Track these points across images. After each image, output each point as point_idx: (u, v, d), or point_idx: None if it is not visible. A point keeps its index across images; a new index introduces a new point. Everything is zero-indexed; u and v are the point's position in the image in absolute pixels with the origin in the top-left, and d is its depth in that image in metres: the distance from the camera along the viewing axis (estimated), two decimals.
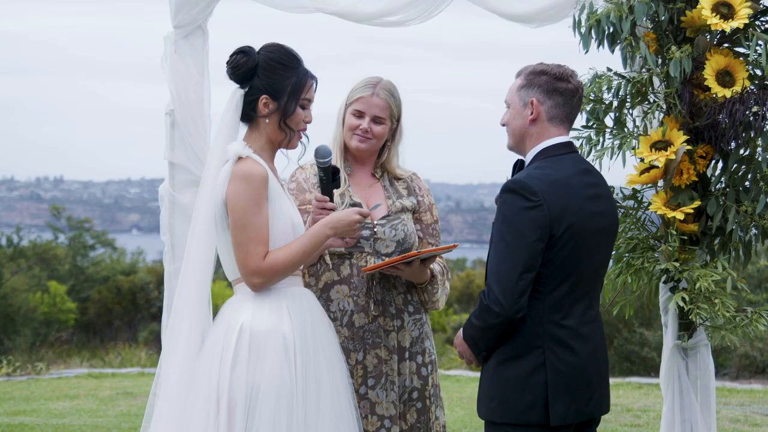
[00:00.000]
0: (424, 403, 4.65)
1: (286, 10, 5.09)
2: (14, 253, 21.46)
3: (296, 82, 4.18)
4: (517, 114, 4.12)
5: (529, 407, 3.96)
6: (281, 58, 4.19)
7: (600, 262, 4.09)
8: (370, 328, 4.58)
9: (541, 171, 4.00)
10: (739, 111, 4.68)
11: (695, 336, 4.98)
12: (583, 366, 4.00)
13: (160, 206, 4.98)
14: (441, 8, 5.10)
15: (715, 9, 4.68)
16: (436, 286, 4.67)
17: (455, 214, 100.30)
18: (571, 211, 3.96)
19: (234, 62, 4.17)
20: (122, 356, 14.78)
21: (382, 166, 4.77)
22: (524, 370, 3.96)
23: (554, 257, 3.94)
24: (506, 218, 3.94)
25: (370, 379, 4.56)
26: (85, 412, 9.85)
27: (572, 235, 3.95)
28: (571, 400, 3.98)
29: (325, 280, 4.61)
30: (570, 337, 3.98)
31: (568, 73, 4.10)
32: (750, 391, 11.27)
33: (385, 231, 4.61)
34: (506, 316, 3.89)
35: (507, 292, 3.87)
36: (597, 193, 4.09)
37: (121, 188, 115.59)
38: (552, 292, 3.97)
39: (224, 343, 4.05)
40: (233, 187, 4.07)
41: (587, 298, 4.06)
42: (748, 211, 4.77)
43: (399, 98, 4.71)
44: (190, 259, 4.17)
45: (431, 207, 4.81)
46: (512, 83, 4.16)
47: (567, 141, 4.11)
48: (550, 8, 5.08)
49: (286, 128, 4.19)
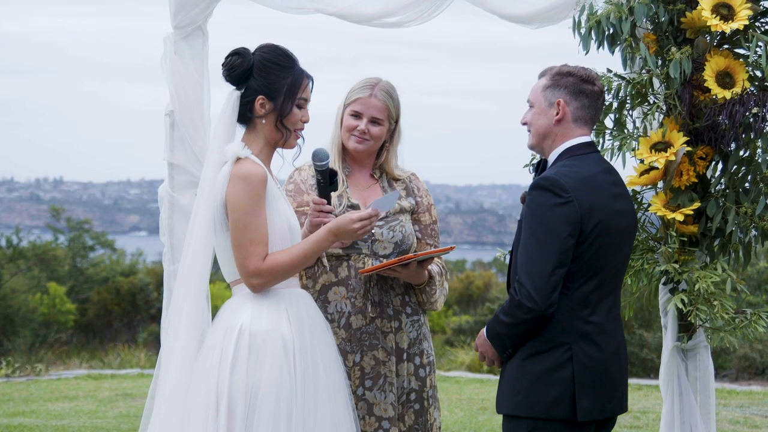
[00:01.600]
0: (422, 404, 4.65)
1: (285, 11, 5.09)
2: (14, 254, 21.46)
3: (292, 82, 4.17)
4: (541, 113, 4.14)
5: (556, 402, 3.97)
6: (276, 59, 4.18)
7: (623, 260, 4.14)
8: (367, 330, 4.58)
9: (569, 168, 4.03)
10: (739, 112, 4.68)
11: (695, 337, 4.98)
12: (607, 363, 4.03)
13: (160, 207, 4.98)
14: (441, 9, 5.10)
15: (715, 10, 4.68)
16: (434, 287, 4.67)
17: (455, 216, 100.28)
18: (599, 209, 4.00)
19: (229, 64, 4.17)
20: (122, 357, 14.77)
21: (381, 167, 4.76)
22: (551, 365, 3.98)
23: (583, 253, 3.97)
24: (536, 215, 3.96)
25: (368, 380, 4.56)
26: (84, 414, 9.85)
27: (600, 231, 3.99)
28: (597, 396, 4.01)
29: (322, 282, 4.60)
30: (596, 333, 4.01)
31: (593, 75, 4.16)
32: (749, 393, 11.27)
33: (383, 232, 4.60)
34: (538, 311, 3.91)
35: (539, 288, 3.89)
36: (620, 191, 4.14)
37: (120, 189, 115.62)
38: (580, 288, 3.99)
39: (223, 345, 4.04)
40: (233, 187, 4.07)
41: (613, 295, 4.10)
42: (747, 213, 4.77)
43: (397, 99, 4.70)
44: (187, 261, 4.17)
45: (430, 207, 4.80)
46: (536, 83, 4.18)
47: (590, 141, 4.16)
48: (550, 9, 5.08)
49: (283, 128, 4.18)
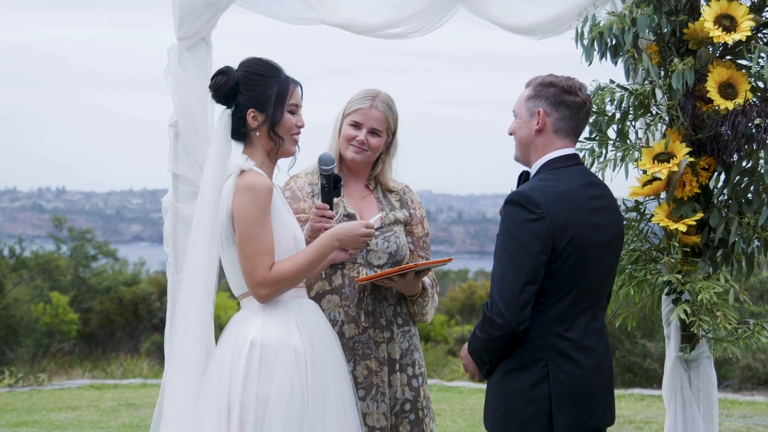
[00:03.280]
0: (417, 414, 4.66)
1: (289, 21, 5.11)
2: (16, 263, 21.45)
3: (279, 90, 4.18)
4: (523, 124, 4.12)
5: (533, 419, 3.95)
6: (260, 70, 4.19)
7: (605, 275, 4.09)
8: (360, 339, 4.59)
9: (544, 183, 4.00)
10: (742, 123, 4.68)
11: (697, 348, 4.99)
12: (587, 378, 4.00)
13: (164, 217, 4.99)
14: (444, 20, 5.11)
15: (718, 21, 4.69)
16: (427, 298, 4.68)
17: (457, 225, 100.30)
18: (574, 224, 3.96)
19: (216, 85, 4.18)
20: (124, 367, 14.76)
21: (376, 178, 4.78)
22: (527, 382, 3.96)
23: (557, 270, 3.94)
24: (509, 230, 3.94)
25: (360, 390, 4.56)
26: (87, 424, 9.85)
27: (575, 247, 3.95)
28: (575, 413, 3.98)
29: (316, 290, 4.61)
30: (573, 349, 3.98)
31: (576, 86, 4.10)
32: (752, 403, 11.25)
33: (377, 243, 4.62)
34: (509, 328, 3.89)
35: (509, 305, 3.87)
36: (602, 205, 4.08)
37: (123, 199, 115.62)
38: (555, 305, 3.97)
39: (234, 357, 4.05)
40: (239, 199, 4.07)
41: (591, 310, 4.05)
42: (750, 223, 4.78)
43: (396, 112, 4.73)
44: (188, 277, 4.17)
45: (422, 220, 4.82)
46: (521, 93, 4.17)
47: (572, 153, 4.11)
48: (553, 20, 5.10)
49: (276, 136, 4.19)
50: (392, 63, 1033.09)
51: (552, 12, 5.10)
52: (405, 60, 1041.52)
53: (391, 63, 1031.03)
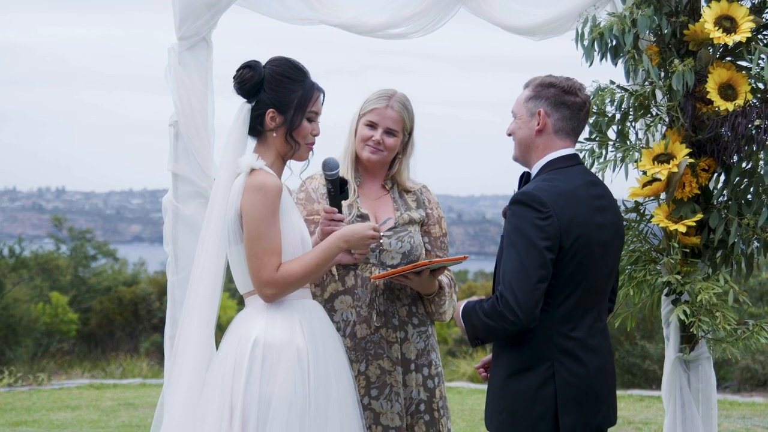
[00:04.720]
0: (432, 415, 4.65)
1: (290, 22, 5.11)
2: (16, 263, 21.45)
3: (302, 96, 4.19)
4: (523, 124, 4.12)
5: (539, 420, 3.96)
6: (287, 72, 4.19)
7: (608, 274, 4.10)
8: (372, 339, 4.58)
9: (548, 183, 4.00)
10: (742, 124, 4.69)
11: (697, 349, 4.99)
12: (591, 378, 4.00)
13: (164, 217, 4.99)
14: (444, 21, 5.12)
15: (718, 23, 4.69)
16: (444, 297, 4.67)
17: (457, 226, 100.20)
18: (579, 223, 3.97)
19: (240, 77, 4.18)
20: (124, 367, 14.76)
21: (392, 178, 4.77)
22: (533, 383, 3.96)
23: (563, 269, 3.95)
24: (517, 229, 3.94)
25: (374, 389, 4.56)
26: (86, 423, 9.85)
27: (580, 246, 3.96)
28: (580, 413, 3.98)
29: (330, 291, 4.62)
30: (579, 349, 3.99)
31: (576, 86, 4.11)
32: (751, 404, 11.26)
33: (391, 243, 4.62)
34: (521, 326, 3.89)
35: (524, 304, 3.87)
36: (604, 204, 4.09)
37: (122, 199, 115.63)
38: (561, 304, 3.97)
39: (237, 356, 4.05)
40: (248, 198, 4.07)
41: (595, 310, 4.06)
42: (750, 224, 4.78)
43: (412, 112, 4.72)
44: (196, 276, 4.16)
45: (440, 220, 4.81)
46: (520, 94, 4.17)
47: (573, 153, 4.11)
48: (554, 21, 5.10)
49: (293, 141, 4.19)
50: (393, 64, 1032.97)
51: (552, 13, 5.11)
52: (405, 61, 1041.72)
53: (392, 64, 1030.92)
